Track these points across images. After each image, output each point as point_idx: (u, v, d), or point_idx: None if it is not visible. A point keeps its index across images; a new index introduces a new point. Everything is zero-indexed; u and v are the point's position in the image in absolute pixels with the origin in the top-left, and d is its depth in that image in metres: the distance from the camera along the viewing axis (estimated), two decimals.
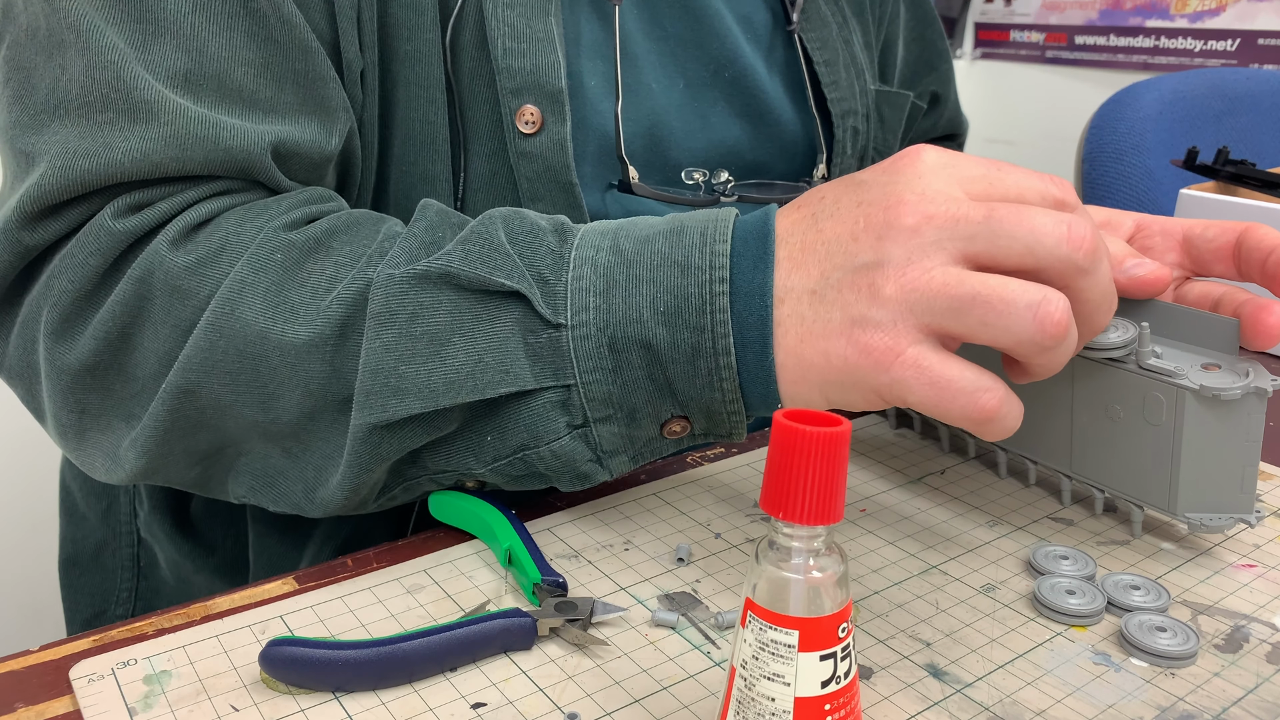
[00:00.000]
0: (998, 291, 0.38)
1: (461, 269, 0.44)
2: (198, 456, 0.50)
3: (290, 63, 0.50)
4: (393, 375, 0.44)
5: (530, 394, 0.45)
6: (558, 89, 0.57)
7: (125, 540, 0.69)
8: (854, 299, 0.40)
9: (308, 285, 0.46)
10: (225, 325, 0.45)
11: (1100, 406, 0.51)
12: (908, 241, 0.39)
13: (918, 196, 0.40)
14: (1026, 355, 0.39)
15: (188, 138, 0.46)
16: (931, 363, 0.39)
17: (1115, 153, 1.29)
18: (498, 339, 0.44)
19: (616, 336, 0.43)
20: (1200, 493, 0.49)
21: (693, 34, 0.67)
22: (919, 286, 0.39)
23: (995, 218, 0.39)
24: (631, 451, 0.47)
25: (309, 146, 0.51)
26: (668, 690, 0.40)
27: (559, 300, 0.44)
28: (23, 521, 1.31)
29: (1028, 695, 0.41)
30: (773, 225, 0.43)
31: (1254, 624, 0.45)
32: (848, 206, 0.42)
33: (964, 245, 0.39)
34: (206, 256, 0.46)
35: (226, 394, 0.46)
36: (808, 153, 0.73)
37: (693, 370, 0.43)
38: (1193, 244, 0.52)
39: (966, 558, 0.50)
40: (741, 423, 0.45)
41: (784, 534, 0.33)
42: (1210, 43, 2.07)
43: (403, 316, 0.44)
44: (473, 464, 0.47)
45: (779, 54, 0.71)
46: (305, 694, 0.40)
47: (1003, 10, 2.44)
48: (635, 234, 0.45)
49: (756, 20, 0.70)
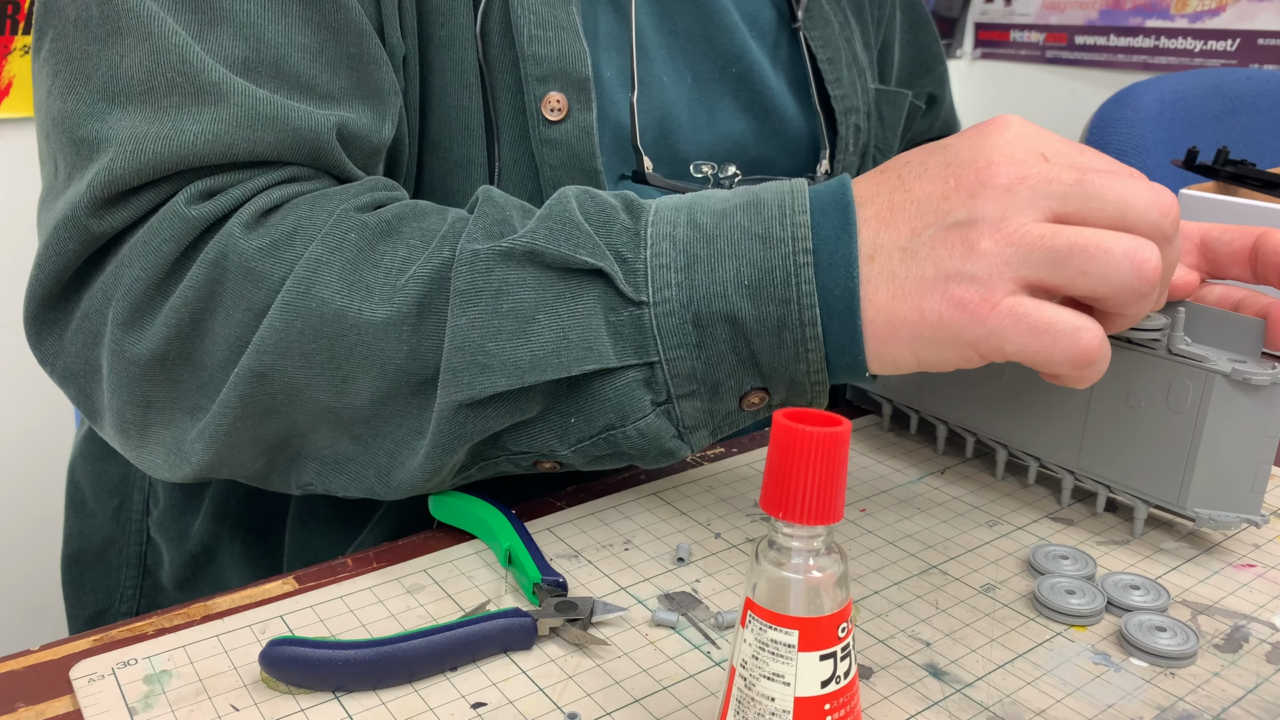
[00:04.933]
0: (1094, 241, 0.39)
1: (546, 246, 0.44)
2: (265, 446, 0.49)
3: (345, 47, 0.50)
4: (479, 352, 0.44)
5: (613, 373, 0.44)
6: (584, 77, 0.57)
7: (134, 539, 0.68)
8: (948, 254, 0.40)
9: (381, 266, 0.46)
10: (301, 305, 0.45)
11: (1120, 395, 0.51)
12: (1002, 200, 0.40)
13: (1008, 159, 0.41)
14: (1121, 303, 0.40)
15: (258, 119, 0.46)
16: (1028, 309, 0.39)
17: (1115, 153, 1.29)
18: (581, 316, 0.44)
19: (701, 312, 0.43)
20: (1212, 488, 0.49)
21: (701, 29, 0.67)
22: (1015, 240, 0.39)
23: (1087, 180, 0.40)
24: (712, 425, 0.47)
25: (366, 131, 0.51)
26: (668, 690, 0.40)
27: (639, 278, 0.44)
28: (23, 521, 1.31)
29: (1028, 695, 0.41)
30: (851, 193, 0.43)
31: (1254, 624, 0.45)
32: (936, 167, 0.42)
33: (1057, 205, 0.40)
34: (280, 239, 0.46)
35: (300, 377, 0.46)
36: (811, 149, 0.73)
37: (778, 343, 0.43)
38: (1210, 247, 0.53)
39: (966, 558, 0.50)
40: (824, 391, 0.45)
41: (784, 534, 0.33)
42: (1210, 43, 2.07)
43: (489, 293, 0.44)
44: (556, 445, 0.47)
45: (784, 51, 0.72)
46: (305, 694, 0.40)
47: (1003, 10, 2.44)
48: (711, 208, 0.45)
49: (762, 18, 0.71)
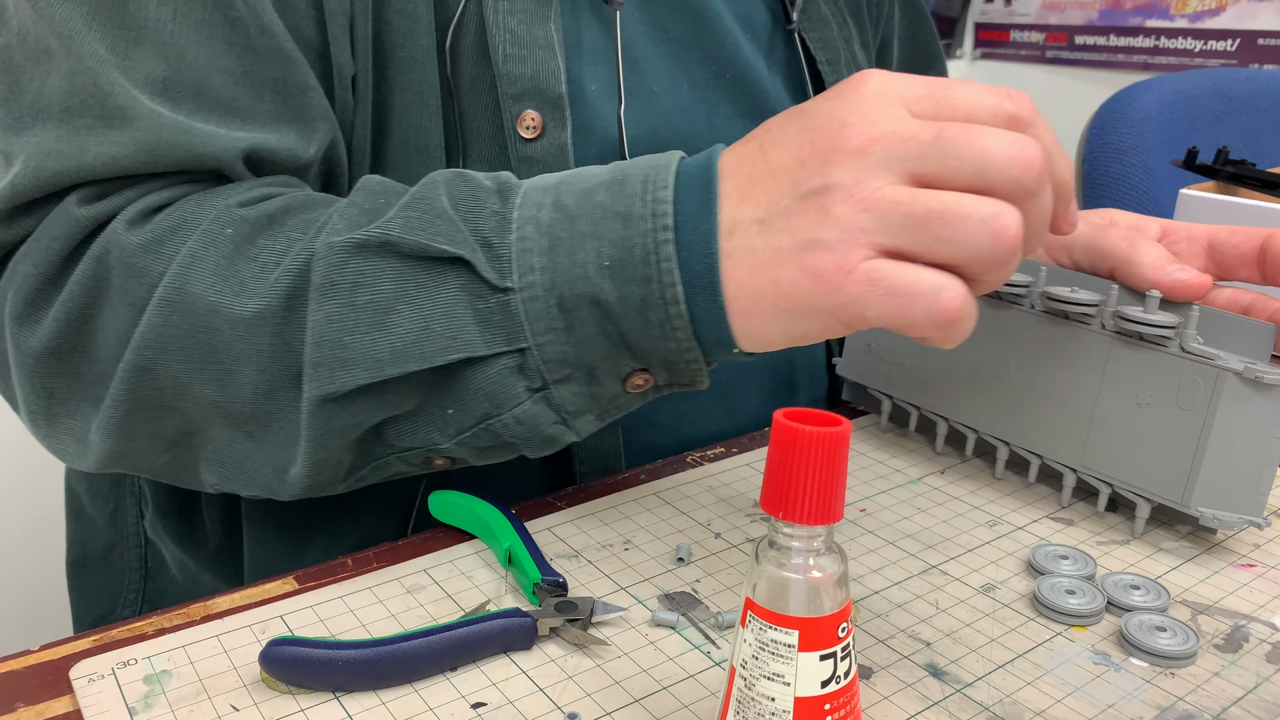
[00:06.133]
0: (952, 206, 0.37)
1: (402, 236, 0.44)
2: (165, 442, 0.50)
3: (269, 71, 0.50)
4: (337, 346, 0.44)
5: (484, 361, 0.44)
6: (558, 94, 0.57)
7: (133, 542, 0.69)
8: (803, 224, 0.39)
9: (258, 260, 0.46)
10: (176, 300, 0.45)
11: (1129, 392, 0.51)
12: (855, 163, 0.38)
13: (862, 119, 0.39)
14: (979, 271, 0.38)
15: (159, 144, 0.47)
16: (885, 273, 0.38)
17: (1115, 152, 1.29)
18: (443, 306, 0.44)
19: (565, 295, 0.42)
20: (1216, 488, 0.49)
21: (694, 36, 0.67)
22: (870, 205, 0.38)
23: (944, 138, 0.38)
24: (597, 410, 0.46)
25: (285, 154, 0.51)
26: (668, 690, 0.40)
27: (504, 263, 0.43)
28: (23, 521, 1.31)
29: (1028, 695, 0.41)
30: (716, 165, 0.42)
31: (1254, 624, 0.45)
32: (793, 134, 0.41)
33: (912, 166, 0.38)
34: (162, 234, 0.47)
35: (183, 371, 0.46)
36: None
37: (645, 322, 0.42)
38: (1218, 249, 0.53)
39: (966, 558, 0.50)
40: (701, 370, 0.44)
41: (784, 534, 0.33)
42: (1210, 43, 2.07)
43: (344, 286, 0.44)
44: (437, 438, 0.46)
45: (779, 53, 0.72)
46: (305, 694, 0.40)
47: (1003, 10, 2.44)
48: (577, 187, 0.44)
49: (757, 20, 0.71)
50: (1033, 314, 0.55)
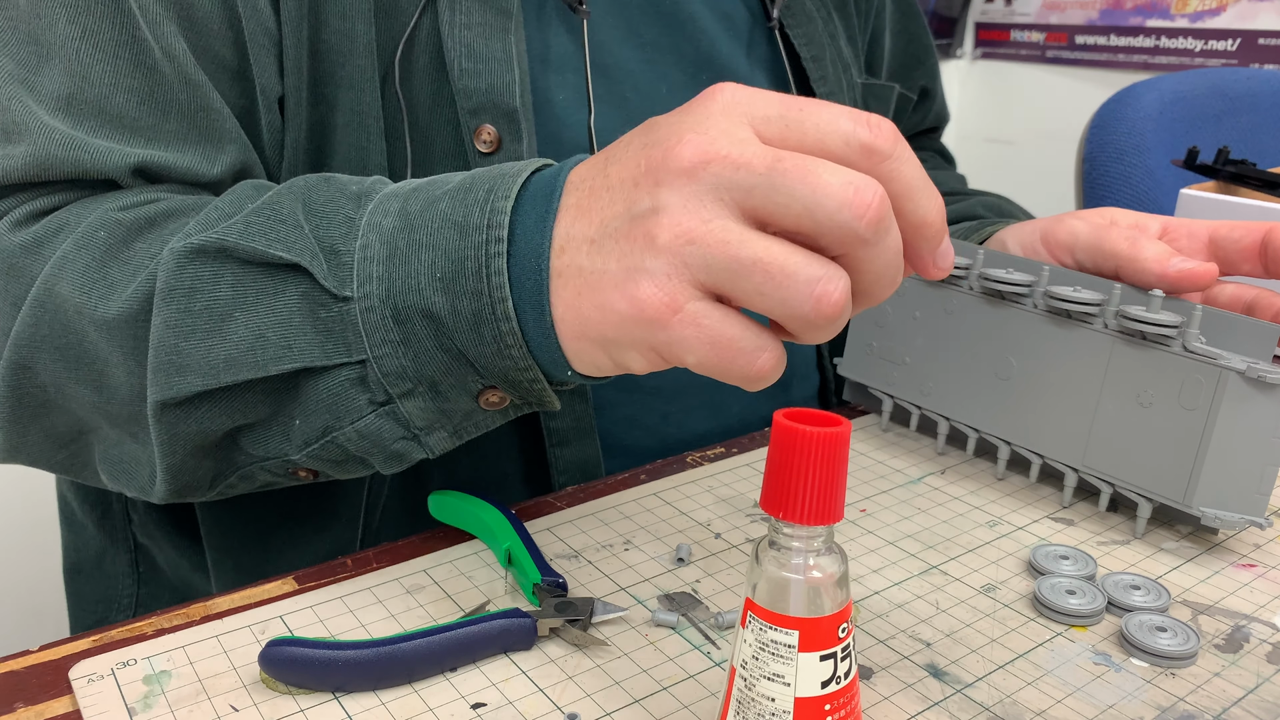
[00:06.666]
0: (779, 260, 0.35)
1: (239, 242, 0.43)
2: (60, 440, 0.50)
3: (173, 93, 0.51)
4: (174, 352, 0.43)
5: (324, 372, 0.43)
6: (513, 108, 0.57)
7: (123, 547, 0.69)
8: (630, 249, 0.37)
9: (131, 263, 0.46)
10: (46, 300, 0.46)
11: (1131, 392, 0.51)
12: (684, 186, 0.36)
13: (700, 136, 0.36)
14: (796, 330, 0.37)
15: (47, 158, 0.48)
16: (712, 321, 0.36)
17: (1116, 153, 1.29)
18: (281, 314, 0.43)
19: (399, 307, 0.41)
20: (1218, 488, 0.49)
21: (669, 39, 0.66)
22: (696, 238, 0.35)
23: (778, 170, 0.35)
24: (450, 426, 0.45)
25: (183, 172, 0.51)
26: (668, 690, 0.40)
27: (345, 271, 0.42)
28: (23, 523, 1.31)
29: (1028, 695, 0.40)
30: (565, 176, 0.40)
31: (1254, 624, 0.45)
32: (635, 149, 0.38)
33: (742, 197, 0.35)
34: (43, 236, 0.47)
35: (59, 370, 0.47)
36: None
37: (479, 338, 0.41)
38: (1219, 244, 0.53)
39: (966, 558, 0.50)
40: (545, 390, 0.42)
41: (784, 534, 0.32)
42: (1210, 43, 2.07)
43: (181, 292, 0.43)
44: (287, 449, 0.46)
45: (761, 50, 0.71)
46: (305, 694, 0.40)
47: (1003, 10, 2.44)
48: (427, 194, 0.43)
49: (737, 18, 0.70)
50: (1035, 313, 0.55)
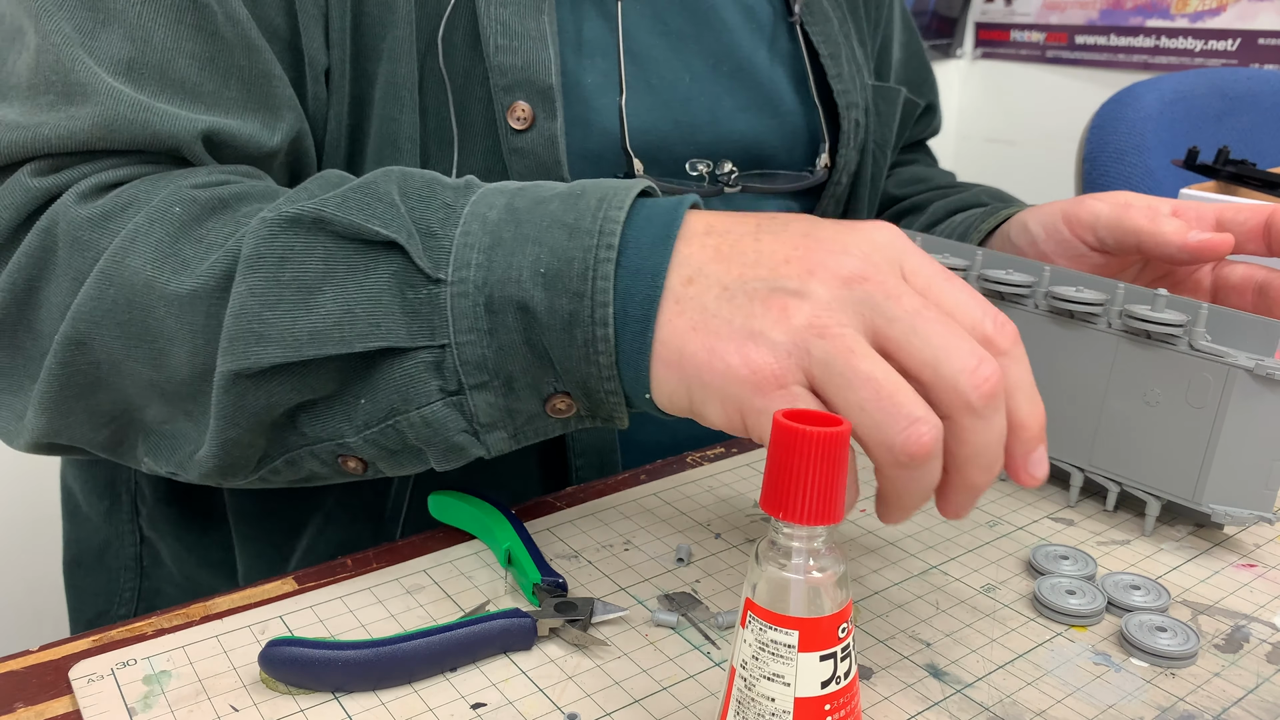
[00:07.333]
0: (889, 388, 0.36)
1: (336, 214, 0.43)
2: (102, 419, 0.49)
3: (234, 59, 0.50)
4: (256, 320, 0.43)
5: (404, 353, 0.43)
6: (548, 85, 0.58)
7: (128, 540, 0.69)
8: (761, 313, 0.38)
9: (204, 241, 0.45)
10: (114, 274, 0.45)
11: (1138, 391, 0.51)
12: (835, 289, 0.38)
13: (863, 258, 0.39)
14: (879, 461, 0.37)
15: (116, 119, 0.47)
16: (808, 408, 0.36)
17: (1116, 153, 1.29)
18: (371, 291, 0.42)
19: (494, 295, 0.41)
20: (1227, 484, 0.49)
21: (692, 29, 0.67)
22: (827, 334, 0.37)
23: (922, 315, 0.38)
24: (512, 427, 0.45)
25: (246, 140, 0.51)
26: (668, 690, 0.40)
27: (442, 254, 0.42)
28: (23, 522, 1.31)
29: (1028, 695, 0.40)
30: (683, 210, 0.42)
31: (1254, 624, 0.45)
32: (794, 233, 0.41)
33: (883, 324, 0.38)
34: (112, 210, 0.46)
35: (118, 347, 0.46)
36: (809, 142, 0.74)
37: (569, 339, 0.41)
38: (1225, 225, 0.56)
39: (966, 558, 0.50)
40: (620, 405, 0.43)
41: (784, 534, 0.32)
42: (1210, 42, 2.07)
43: (271, 260, 0.43)
44: (345, 430, 0.45)
45: (782, 44, 0.73)
46: (305, 694, 0.40)
47: (1003, 10, 2.44)
48: (534, 194, 0.43)
49: (760, 13, 0.71)
50: (1038, 313, 0.55)
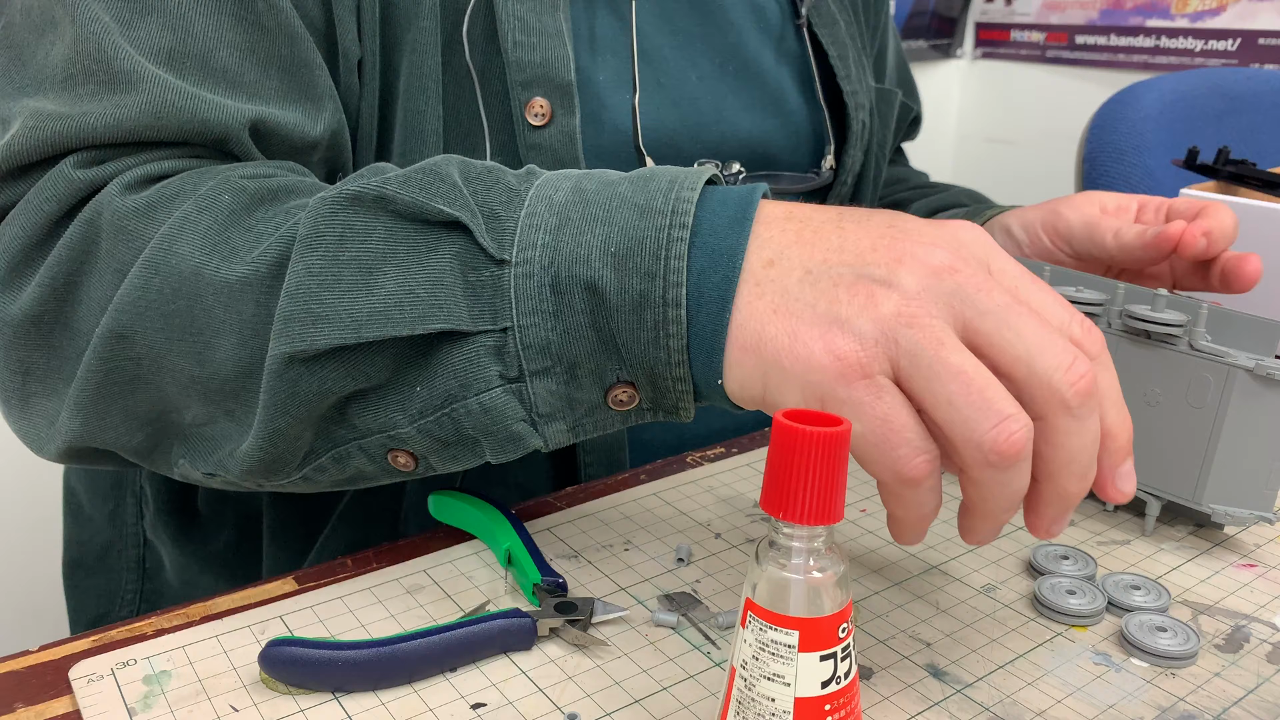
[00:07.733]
0: (979, 382, 0.35)
1: (398, 193, 0.42)
2: (140, 421, 0.47)
3: (275, 48, 0.50)
4: (314, 300, 0.41)
5: (465, 337, 0.41)
6: (567, 81, 0.58)
7: (131, 542, 0.69)
8: (848, 299, 0.37)
9: (254, 230, 0.44)
10: (161, 262, 0.44)
11: (1138, 391, 0.51)
12: (924, 279, 0.37)
13: (953, 251, 0.38)
14: (964, 460, 0.36)
15: (165, 107, 0.46)
16: (893, 401, 0.36)
17: (1116, 152, 1.29)
18: (433, 271, 0.41)
19: (561, 275, 0.40)
20: (1227, 484, 0.50)
21: (700, 29, 0.68)
22: (916, 324, 0.36)
23: (1014, 309, 0.37)
24: (571, 419, 0.43)
25: (290, 129, 0.51)
26: (668, 690, 0.40)
27: (506, 235, 0.41)
28: (24, 522, 1.31)
29: (1028, 695, 0.40)
30: (759, 195, 0.41)
31: (1254, 624, 0.45)
32: (879, 223, 0.40)
33: (973, 316, 0.37)
34: (158, 200, 0.45)
35: (160, 340, 0.44)
36: (815, 142, 0.75)
37: (638, 321, 0.39)
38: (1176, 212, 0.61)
39: (966, 558, 0.50)
40: (687, 393, 0.41)
41: (784, 534, 0.32)
42: (1210, 42, 2.07)
43: (330, 239, 0.42)
44: (399, 419, 0.43)
45: (789, 46, 0.73)
46: (305, 694, 0.40)
47: (1003, 10, 2.44)
48: (603, 177, 0.43)
49: (768, 12, 0.72)
50: None
